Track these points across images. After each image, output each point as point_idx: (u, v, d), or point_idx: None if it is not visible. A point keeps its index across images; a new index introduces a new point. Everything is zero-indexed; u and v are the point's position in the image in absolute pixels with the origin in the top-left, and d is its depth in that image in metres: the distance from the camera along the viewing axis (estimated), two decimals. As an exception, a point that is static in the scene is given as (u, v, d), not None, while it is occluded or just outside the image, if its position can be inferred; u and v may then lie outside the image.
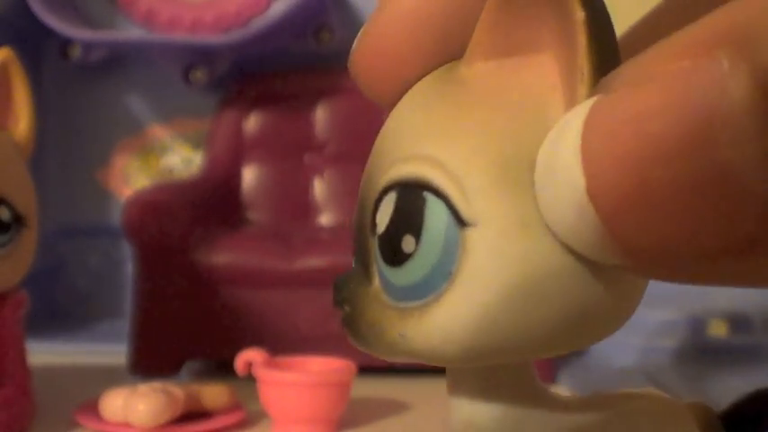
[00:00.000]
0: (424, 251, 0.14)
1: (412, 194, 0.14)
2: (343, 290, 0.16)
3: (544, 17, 0.14)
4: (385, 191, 0.15)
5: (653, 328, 0.61)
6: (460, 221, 0.14)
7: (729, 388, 0.54)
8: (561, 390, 0.55)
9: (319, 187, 0.72)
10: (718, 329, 0.63)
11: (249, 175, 0.72)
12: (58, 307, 0.76)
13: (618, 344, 0.61)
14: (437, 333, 0.14)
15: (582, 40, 0.13)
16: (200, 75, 0.73)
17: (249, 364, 0.46)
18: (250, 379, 0.46)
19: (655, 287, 0.16)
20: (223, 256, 0.59)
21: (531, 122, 0.14)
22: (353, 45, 0.16)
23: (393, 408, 0.50)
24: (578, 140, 0.12)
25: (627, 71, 0.12)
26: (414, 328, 0.14)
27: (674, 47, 0.12)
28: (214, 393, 0.47)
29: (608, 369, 0.60)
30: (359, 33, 0.16)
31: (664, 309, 0.61)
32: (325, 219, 0.71)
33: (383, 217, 0.15)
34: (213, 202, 0.68)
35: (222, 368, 0.55)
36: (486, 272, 0.14)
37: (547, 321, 0.14)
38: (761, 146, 0.11)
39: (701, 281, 0.13)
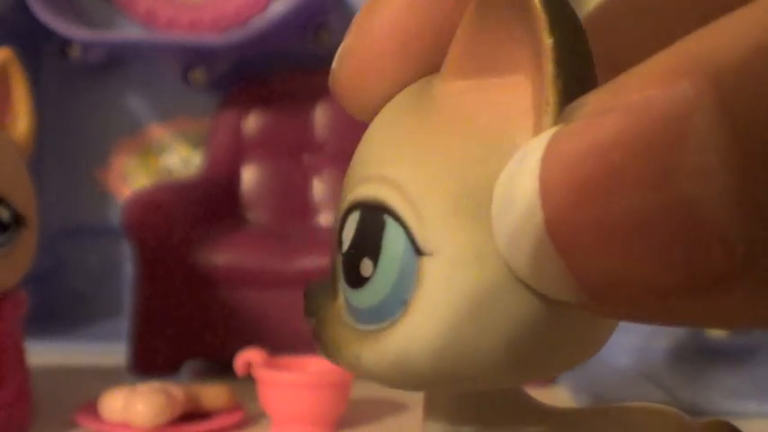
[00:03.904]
0: (381, 276, 0.14)
1: (373, 216, 0.14)
2: (312, 302, 0.15)
3: (518, 38, 0.13)
4: (350, 209, 0.14)
5: (652, 328, 0.61)
6: (416, 249, 0.13)
7: (728, 388, 0.54)
8: (561, 390, 0.55)
9: (318, 187, 0.72)
10: (718, 329, 0.63)
11: (248, 175, 0.72)
12: (57, 307, 0.76)
13: (617, 344, 0.61)
14: (389, 360, 0.14)
15: (548, 67, 0.12)
16: (199, 75, 0.73)
17: (249, 365, 0.46)
18: (249, 379, 0.46)
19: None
20: (223, 256, 0.59)
21: (496, 150, 0.13)
22: (334, 63, 0.16)
23: (393, 408, 0.50)
24: (537, 171, 0.12)
25: (590, 101, 0.12)
26: (369, 351, 0.14)
27: (638, 76, 0.11)
28: (213, 393, 0.47)
29: (607, 369, 0.60)
30: (339, 51, 0.16)
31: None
32: (324, 219, 0.71)
33: (347, 235, 0.14)
34: (213, 202, 0.68)
35: (222, 368, 0.55)
36: (437, 303, 0.13)
37: (498, 355, 0.13)
38: (726, 180, 0.10)
39: (662, 321, 0.12)
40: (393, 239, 0.14)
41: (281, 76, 0.74)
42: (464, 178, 0.13)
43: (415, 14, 0.15)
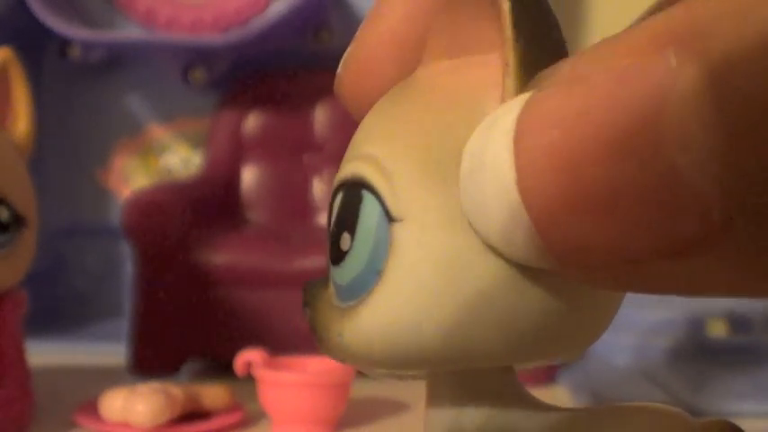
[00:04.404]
0: (358, 248, 0.14)
1: (352, 192, 0.14)
2: (308, 293, 0.16)
3: (486, 15, 0.13)
4: (336, 192, 0.15)
5: (651, 327, 0.61)
6: (390, 217, 0.13)
7: (728, 388, 0.54)
8: (560, 389, 0.55)
9: (318, 187, 0.72)
10: (717, 329, 0.63)
11: (248, 175, 0.72)
12: (57, 307, 0.76)
13: (616, 343, 0.61)
14: (364, 333, 0.14)
15: (507, 30, 0.13)
16: (199, 74, 0.73)
17: (248, 364, 0.46)
18: (249, 379, 0.46)
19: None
20: (222, 256, 0.59)
21: (464, 117, 0.13)
22: (339, 68, 0.17)
23: (393, 408, 0.50)
24: (511, 136, 0.12)
25: (567, 67, 0.12)
26: (348, 328, 0.14)
27: (619, 44, 0.11)
28: (213, 393, 0.47)
29: (606, 368, 0.60)
30: (343, 58, 0.17)
31: (662, 307, 0.61)
32: (324, 219, 0.71)
33: (333, 217, 0.15)
34: (212, 202, 0.68)
35: (222, 368, 0.55)
36: (409, 269, 0.13)
37: (477, 327, 0.13)
38: (708, 147, 0.10)
39: (635, 287, 0.12)
40: (369, 211, 0.14)
41: (281, 76, 0.74)
42: (433, 145, 0.13)
43: (413, 24, 0.16)
